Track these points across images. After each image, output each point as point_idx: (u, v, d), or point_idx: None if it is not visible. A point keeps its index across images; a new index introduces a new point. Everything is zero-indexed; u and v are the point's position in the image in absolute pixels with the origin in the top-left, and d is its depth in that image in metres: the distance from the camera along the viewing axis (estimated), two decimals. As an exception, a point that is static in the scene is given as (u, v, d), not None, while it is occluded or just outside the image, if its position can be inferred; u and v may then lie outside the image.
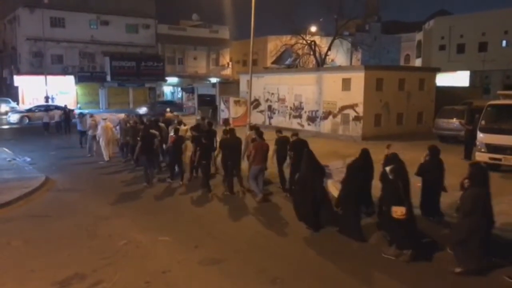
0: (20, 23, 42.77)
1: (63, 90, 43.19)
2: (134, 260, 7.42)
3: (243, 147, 12.16)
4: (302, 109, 24.27)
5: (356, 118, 21.01)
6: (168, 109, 23.90)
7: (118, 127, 16.82)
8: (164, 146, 14.35)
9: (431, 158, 8.95)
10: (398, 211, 7.09)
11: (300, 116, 24.46)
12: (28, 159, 17.00)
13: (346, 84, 21.55)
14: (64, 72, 43.83)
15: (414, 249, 7.16)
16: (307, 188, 8.69)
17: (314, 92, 23.38)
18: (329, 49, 34.74)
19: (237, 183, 11.79)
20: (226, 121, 14.88)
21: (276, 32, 42.82)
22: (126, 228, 8.97)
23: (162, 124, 15.39)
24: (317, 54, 34.34)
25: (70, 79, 43.96)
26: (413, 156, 10.56)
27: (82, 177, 14.04)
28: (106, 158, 16.28)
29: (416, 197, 8.52)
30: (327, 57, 35.42)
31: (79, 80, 44.28)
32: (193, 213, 10.18)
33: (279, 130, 12.26)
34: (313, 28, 40.91)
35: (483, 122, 13.45)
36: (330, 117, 22.41)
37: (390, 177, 7.35)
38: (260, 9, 22.55)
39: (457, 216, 7.16)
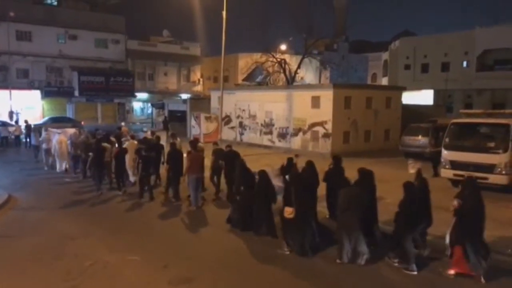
0: (-16, 36, 41.57)
1: (28, 105, 41.99)
2: (101, 281, 7.20)
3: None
4: (273, 125, 24.43)
5: (325, 135, 21.28)
6: (123, 124, 24.04)
7: (69, 141, 16.99)
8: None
9: (334, 166, 10.00)
10: (288, 211, 8.28)
11: (271, 133, 24.59)
12: (-10, 176, 16.37)
13: (316, 102, 21.86)
14: (30, 86, 42.71)
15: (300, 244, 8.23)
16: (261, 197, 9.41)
17: (285, 109, 23.61)
18: (298, 67, 35.25)
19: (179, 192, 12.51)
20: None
21: (247, 50, 43.20)
22: (93, 248, 8.72)
23: (113, 139, 15.59)
24: (287, 72, 34.77)
25: (36, 93, 42.80)
26: (381, 173, 10.76)
27: (47, 195, 13.62)
28: (59, 169, 17.03)
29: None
30: (297, 75, 35.88)
31: (46, 95, 43.14)
32: (162, 231, 10.02)
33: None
34: (283, 47, 41.49)
35: (447, 140, 13.90)
36: (300, 133, 22.62)
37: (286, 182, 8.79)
38: (232, 27, 22.80)
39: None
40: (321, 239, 8.70)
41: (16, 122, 32.59)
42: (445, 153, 13.75)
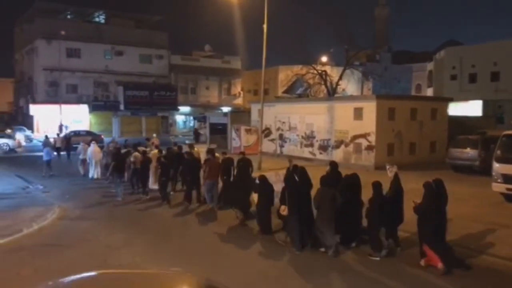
0: (38, 54, 43.98)
1: (77, 119, 43.85)
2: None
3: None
4: (314, 137, 24.23)
5: (369, 147, 20.89)
6: (154, 135, 25.48)
7: (104, 152, 19.13)
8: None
9: (331, 171, 10.64)
10: (282, 209, 9.63)
11: (311, 145, 24.40)
12: (41, 187, 17.11)
13: (358, 113, 21.55)
14: (79, 101, 44.64)
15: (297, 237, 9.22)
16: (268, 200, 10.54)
17: (326, 121, 23.38)
18: (340, 78, 34.92)
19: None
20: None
21: (287, 62, 43.33)
22: (137, 258, 8.88)
23: (140, 149, 16.97)
24: (328, 84, 34.53)
25: (84, 108, 44.71)
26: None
27: (94, 205, 14.08)
28: (91, 176, 18.77)
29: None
30: (338, 86, 35.58)
31: (93, 109, 44.98)
32: (204, 240, 10.18)
33: (224, 152, 14.85)
34: (324, 58, 41.28)
35: (498, 152, 13.27)
36: (342, 146, 22.31)
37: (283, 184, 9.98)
38: (272, 40, 22.95)
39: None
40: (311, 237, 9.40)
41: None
42: (496, 166, 13.10)
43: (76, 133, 33.24)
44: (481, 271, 8.00)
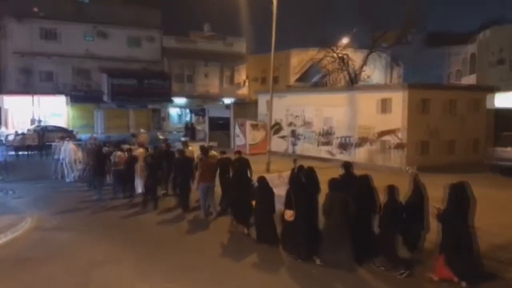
0: (7, 35, 44.13)
1: (53, 112, 43.84)
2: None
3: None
4: (333, 134, 24.23)
5: (398, 146, 20.88)
6: (142, 130, 25.84)
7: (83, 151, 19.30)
8: None
9: (345, 173, 10.83)
10: (287, 214, 9.78)
11: (330, 143, 24.39)
12: (11, 192, 17.25)
13: (385, 106, 21.55)
14: (55, 91, 44.67)
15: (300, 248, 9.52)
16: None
17: (347, 114, 23.37)
18: (364, 64, 34.85)
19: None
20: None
21: (301, 45, 43.21)
22: (125, 274, 8.96)
23: (124, 147, 17.11)
24: (350, 70, 34.45)
25: (62, 99, 44.69)
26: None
27: (73, 213, 14.21)
28: (68, 179, 19.08)
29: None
30: (362, 73, 35.48)
31: (72, 100, 44.95)
32: (199, 252, 10.34)
33: (222, 151, 14.93)
34: (345, 40, 41.12)
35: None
36: (367, 144, 22.31)
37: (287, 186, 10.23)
38: (283, 19, 22.89)
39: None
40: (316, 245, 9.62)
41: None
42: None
43: (44, 129, 33.38)
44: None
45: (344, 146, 23.64)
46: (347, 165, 11.18)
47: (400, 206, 9.13)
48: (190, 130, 39.47)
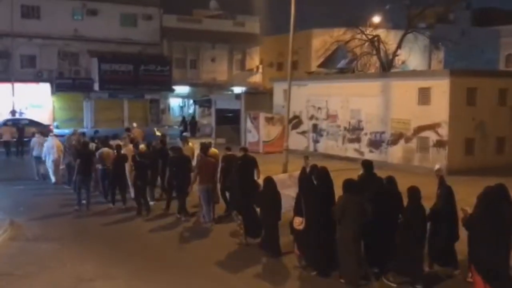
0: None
1: (35, 103, 44.00)
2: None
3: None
4: (362, 130, 24.16)
5: (439, 144, 20.79)
6: (134, 124, 25.80)
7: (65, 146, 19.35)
8: None
9: (365, 173, 10.90)
10: (297, 221, 9.96)
11: (358, 140, 24.32)
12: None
13: (424, 96, 21.48)
14: (38, 78, 44.93)
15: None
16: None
17: (379, 106, 23.29)
18: (398, 46, 34.62)
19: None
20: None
21: (325, 24, 43.08)
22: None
23: (113, 143, 17.45)
24: (382, 54, 34.28)
25: (46, 87, 44.91)
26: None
27: (56, 220, 14.39)
28: (54, 180, 19.33)
29: None
30: (396, 58, 35.28)
31: (58, 88, 45.07)
32: (200, 265, 10.48)
33: (228, 147, 15.28)
34: (377, 19, 40.94)
35: None
36: (402, 141, 22.25)
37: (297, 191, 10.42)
38: (304, -7, 22.84)
39: None
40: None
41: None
42: None
43: (15, 122, 33.68)
44: None
45: (375, 143, 23.54)
46: (367, 164, 11.14)
47: (423, 212, 9.08)
48: (190, 125, 39.37)
